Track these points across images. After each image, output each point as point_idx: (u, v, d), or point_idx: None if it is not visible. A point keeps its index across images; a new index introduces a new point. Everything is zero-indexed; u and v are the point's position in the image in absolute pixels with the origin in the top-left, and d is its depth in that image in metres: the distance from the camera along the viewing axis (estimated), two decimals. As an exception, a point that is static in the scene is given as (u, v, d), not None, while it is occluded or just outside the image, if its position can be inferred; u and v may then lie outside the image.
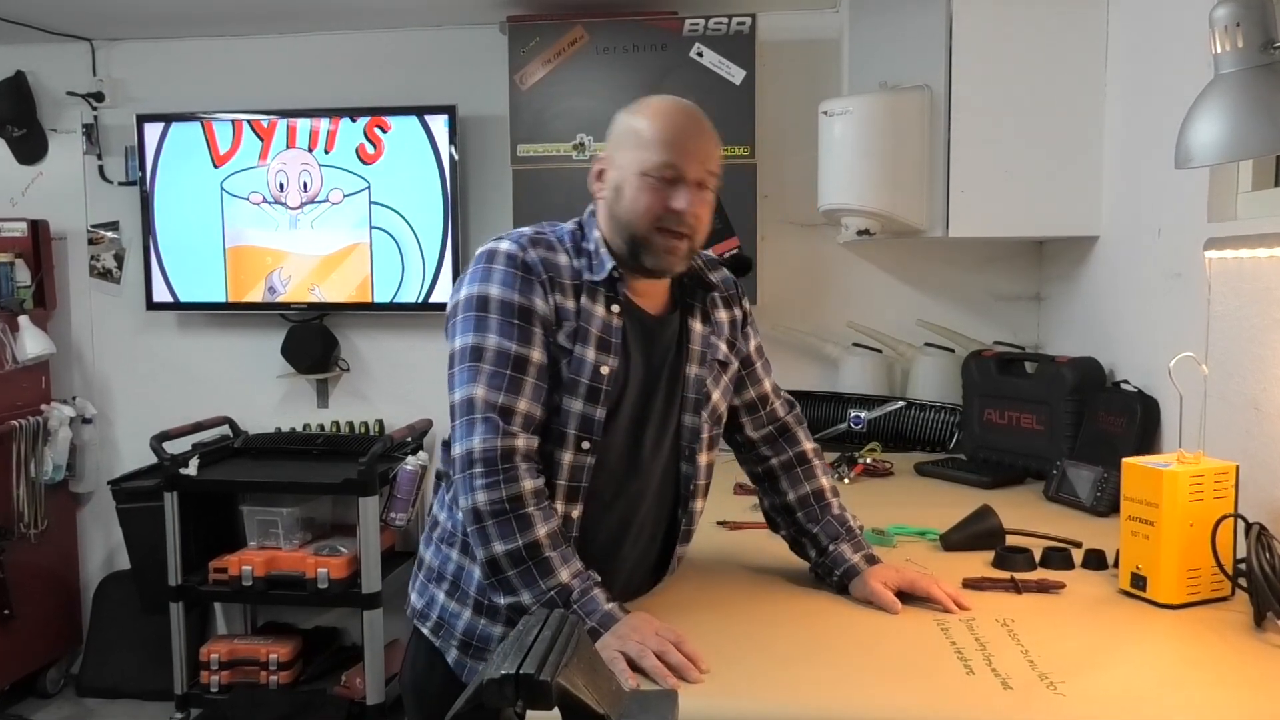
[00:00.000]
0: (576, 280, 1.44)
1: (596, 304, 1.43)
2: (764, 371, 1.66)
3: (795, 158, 3.05)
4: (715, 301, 1.57)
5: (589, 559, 1.38)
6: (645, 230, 1.42)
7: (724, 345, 1.56)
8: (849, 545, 1.55)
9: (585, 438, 1.41)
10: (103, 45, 3.49)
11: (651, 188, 1.41)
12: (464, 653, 1.51)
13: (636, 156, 1.42)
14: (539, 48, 2.95)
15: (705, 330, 1.54)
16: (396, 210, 3.28)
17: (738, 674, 1.25)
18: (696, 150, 1.42)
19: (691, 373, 1.50)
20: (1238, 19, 1.32)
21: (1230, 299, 1.73)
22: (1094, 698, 1.15)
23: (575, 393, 1.40)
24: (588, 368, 1.40)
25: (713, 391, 1.53)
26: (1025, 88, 2.45)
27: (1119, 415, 2.15)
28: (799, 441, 1.65)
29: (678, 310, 1.54)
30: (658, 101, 1.47)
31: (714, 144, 1.47)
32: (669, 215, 1.41)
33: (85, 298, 3.60)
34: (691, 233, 1.43)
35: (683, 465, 1.52)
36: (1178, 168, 1.44)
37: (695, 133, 1.44)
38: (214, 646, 3.18)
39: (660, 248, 1.42)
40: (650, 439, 1.49)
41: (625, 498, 1.49)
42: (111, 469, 3.52)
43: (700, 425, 1.51)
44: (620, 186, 1.44)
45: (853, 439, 2.77)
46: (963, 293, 3.12)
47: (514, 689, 0.76)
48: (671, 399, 1.50)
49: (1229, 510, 1.43)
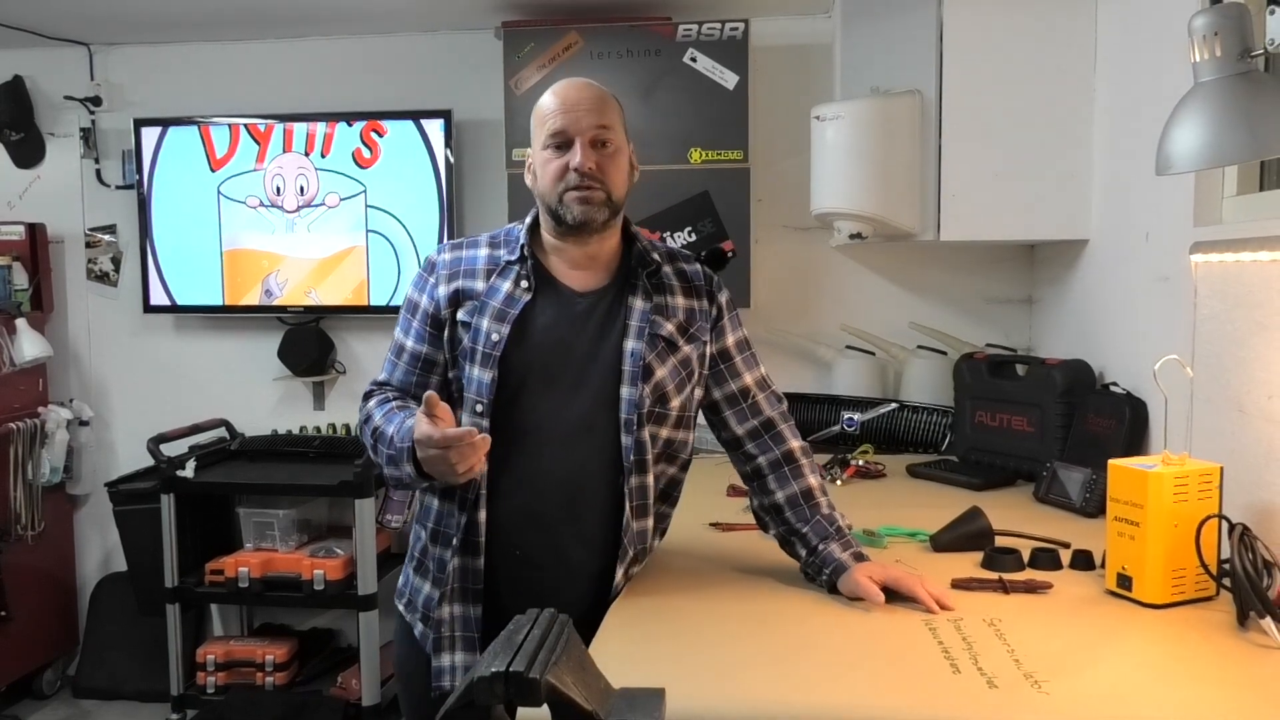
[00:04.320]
0: (491, 265, 1.59)
1: (505, 281, 1.57)
2: (746, 365, 1.68)
3: (788, 162, 3.08)
4: (668, 286, 1.61)
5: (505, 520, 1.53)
6: (555, 196, 1.54)
7: (671, 326, 1.58)
8: (838, 544, 1.56)
9: (479, 401, 1.52)
10: (100, 50, 3.50)
11: (551, 158, 1.54)
12: (425, 625, 1.59)
13: (538, 138, 1.56)
14: (534, 53, 2.97)
15: (646, 307, 1.57)
16: (392, 214, 3.30)
17: (727, 673, 1.27)
18: (582, 111, 1.53)
19: (628, 346, 1.54)
20: (1216, 28, 1.34)
21: (1215, 302, 1.75)
22: (1078, 697, 1.17)
23: (474, 360, 1.53)
24: (482, 336, 1.53)
25: (655, 367, 1.55)
26: (1015, 93, 2.47)
27: (1108, 417, 2.17)
28: (785, 440, 1.67)
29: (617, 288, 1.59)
30: (551, 87, 1.58)
31: (602, 102, 1.56)
32: (570, 175, 1.52)
33: (82, 301, 3.61)
34: (599, 184, 1.53)
35: (623, 437, 1.54)
36: (1158, 174, 1.46)
37: (579, 97, 1.55)
38: (210, 648, 3.19)
39: (572, 203, 1.53)
40: (582, 409, 1.54)
41: (553, 460, 1.53)
42: (108, 471, 3.53)
43: (639, 398, 1.53)
44: (535, 170, 1.58)
45: (846, 441, 2.78)
46: (954, 296, 3.14)
47: (504, 686, 0.78)
48: (609, 373, 1.54)
49: (1213, 511, 1.45)
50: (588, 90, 1.56)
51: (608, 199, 1.54)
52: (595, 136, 1.53)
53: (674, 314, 1.60)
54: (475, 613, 1.55)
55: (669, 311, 1.59)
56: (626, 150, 1.60)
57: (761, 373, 1.70)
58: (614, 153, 1.55)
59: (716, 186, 2.96)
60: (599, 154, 1.53)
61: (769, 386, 1.70)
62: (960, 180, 2.50)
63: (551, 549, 1.54)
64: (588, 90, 1.56)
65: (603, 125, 1.54)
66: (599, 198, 1.53)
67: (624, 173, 1.58)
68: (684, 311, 1.61)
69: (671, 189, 2.96)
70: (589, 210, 1.53)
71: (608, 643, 1.37)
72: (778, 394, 1.71)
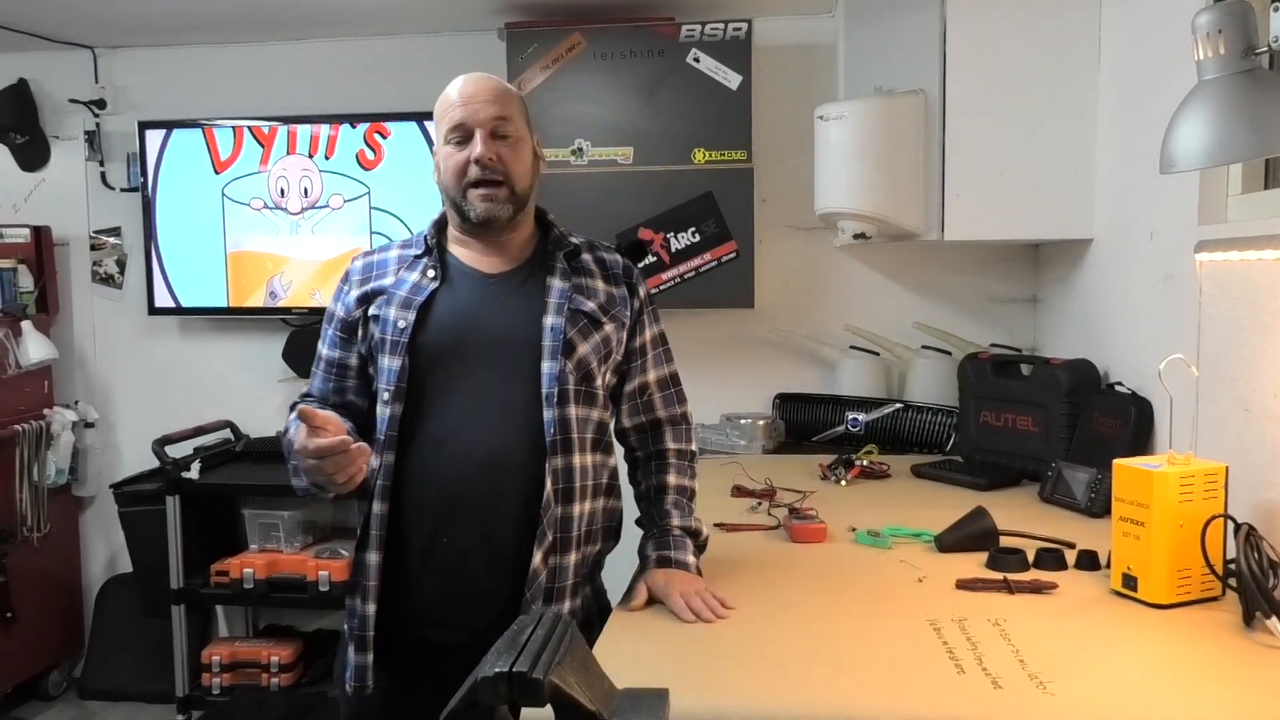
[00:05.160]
0: (400, 263, 1.61)
1: (413, 273, 1.59)
2: (654, 363, 1.68)
3: (792, 162, 3.07)
4: (588, 270, 1.62)
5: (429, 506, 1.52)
6: (458, 190, 1.55)
7: (593, 304, 1.58)
8: (652, 541, 1.59)
9: (386, 389, 1.53)
10: (105, 53, 3.51)
11: (453, 152, 1.55)
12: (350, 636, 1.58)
13: (440, 133, 1.57)
14: (537, 54, 2.97)
15: (565, 286, 1.57)
16: (396, 215, 3.30)
17: (730, 673, 1.27)
18: (480, 103, 1.54)
19: (548, 322, 1.54)
20: (1219, 26, 1.34)
21: (1220, 301, 1.74)
22: (1083, 697, 1.16)
23: (384, 350, 1.54)
24: (390, 325, 1.54)
25: (578, 342, 1.55)
26: (1019, 92, 2.47)
27: (1113, 417, 2.16)
28: (663, 440, 1.68)
29: (530, 269, 1.60)
30: (451, 82, 1.58)
31: (501, 94, 1.56)
32: (471, 168, 1.53)
33: (87, 303, 3.62)
34: (502, 177, 1.53)
35: (544, 412, 1.52)
36: (1162, 172, 1.45)
37: (476, 90, 1.55)
38: (215, 649, 3.20)
39: (475, 200, 1.54)
40: (499, 388, 1.53)
41: (471, 442, 1.51)
42: (113, 473, 3.53)
43: (559, 371, 1.52)
44: (439, 164, 1.58)
45: (850, 441, 2.78)
46: (959, 295, 3.14)
47: (507, 687, 0.78)
48: (528, 350, 1.53)
49: (1219, 511, 1.44)
50: (485, 83, 1.56)
51: (511, 194, 1.54)
52: (495, 128, 1.53)
53: (594, 294, 1.60)
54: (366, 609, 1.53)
55: (588, 292, 1.59)
56: (529, 141, 1.60)
57: (667, 372, 1.70)
58: (515, 143, 1.56)
59: (720, 187, 2.96)
60: (499, 145, 1.54)
61: (670, 386, 1.70)
62: (964, 180, 2.49)
63: (479, 535, 1.51)
64: (485, 83, 1.56)
65: (501, 117, 1.54)
66: (502, 195, 1.54)
67: (527, 163, 1.58)
68: (604, 294, 1.61)
69: (675, 189, 2.96)
70: (492, 208, 1.54)
71: (611, 643, 1.37)
72: (680, 394, 1.71)
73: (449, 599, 1.54)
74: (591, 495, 1.59)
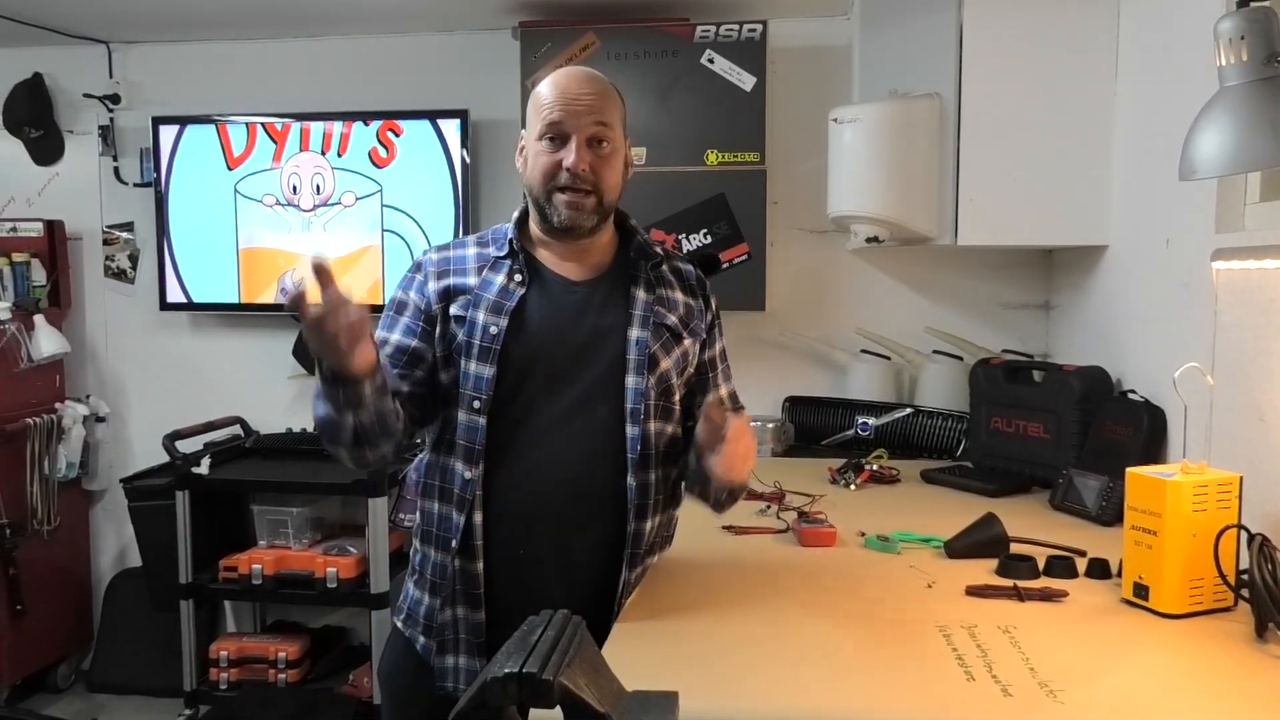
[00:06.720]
0: (481, 262, 1.55)
1: (498, 275, 1.53)
2: (725, 378, 1.68)
3: (805, 164, 3.07)
4: (668, 280, 1.59)
5: (508, 519, 1.48)
6: (543, 192, 1.50)
7: (674, 318, 1.56)
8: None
9: (476, 397, 1.48)
10: (119, 48, 3.52)
11: (545, 151, 1.49)
12: (428, 637, 1.56)
13: (533, 127, 1.51)
14: (551, 53, 2.97)
15: (649, 298, 1.54)
16: (408, 213, 3.31)
17: (739, 676, 1.26)
18: (582, 108, 1.47)
19: (633, 335, 1.51)
20: (1242, 32, 1.33)
21: (1237, 309, 1.73)
22: (1093, 706, 1.16)
23: (470, 355, 1.49)
24: (479, 329, 1.49)
25: (660, 357, 1.53)
26: (1035, 96, 2.46)
27: (1126, 425, 2.15)
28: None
29: (615, 278, 1.56)
30: (552, 74, 1.52)
31: (604, 99, 1.50)
32: (561, 173, 1.47)
33: (100, 298, 3.63)
34: (592, 188, 1.48)
35: (628, 428, 1.50)
36: (1182, 179, 1.44)
37: (580, 91, 1.48)
38: (223, 644, 3.20)
39: (560, 205, 1.49)
40: (584, 401, 1.49)
41: (556, 456, 1.48)
42: (124, 467, 3.54)
43: (644, 387, 1.50)
44: (527, 158, 1.53)
45: (860, 445, 2.78)
46: (971, 300, 3.12)
47: (517, 687, 0.78)
48: (613, 362, 1.50)
49: (1232, 521, 1.43)
50: (590, 84, 1.50)
51: (598, 204, 1.50)
52: (593, 135, 1.48)
53: (675, 307, 1.57)
54: (477, 617, 1.51)
55: (669, 304, 1.57)
56: (624, 150, 1.54)
57: (733, 387, 1.69)
58: (610, 153, 1.50)
59: (732, 188, 2.96)
60: (594, 154, 1.48)
61: (737, 401, 1.68)
62: (978, 184, 2.48)
63: (555, 547, 1.50)
64: (590, 84, 1.50)
65: (602, 123, 1.48)
66: (589, 204, 1.49)
67: (618, 173, 1.53)
68: (684, 306, 1.59)
69: (687, 191, 2.96)
70: (577, 216, 1.49)
71: (621, 645, 1.36)
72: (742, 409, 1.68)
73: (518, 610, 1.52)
74: (662, 508, 1.58)
